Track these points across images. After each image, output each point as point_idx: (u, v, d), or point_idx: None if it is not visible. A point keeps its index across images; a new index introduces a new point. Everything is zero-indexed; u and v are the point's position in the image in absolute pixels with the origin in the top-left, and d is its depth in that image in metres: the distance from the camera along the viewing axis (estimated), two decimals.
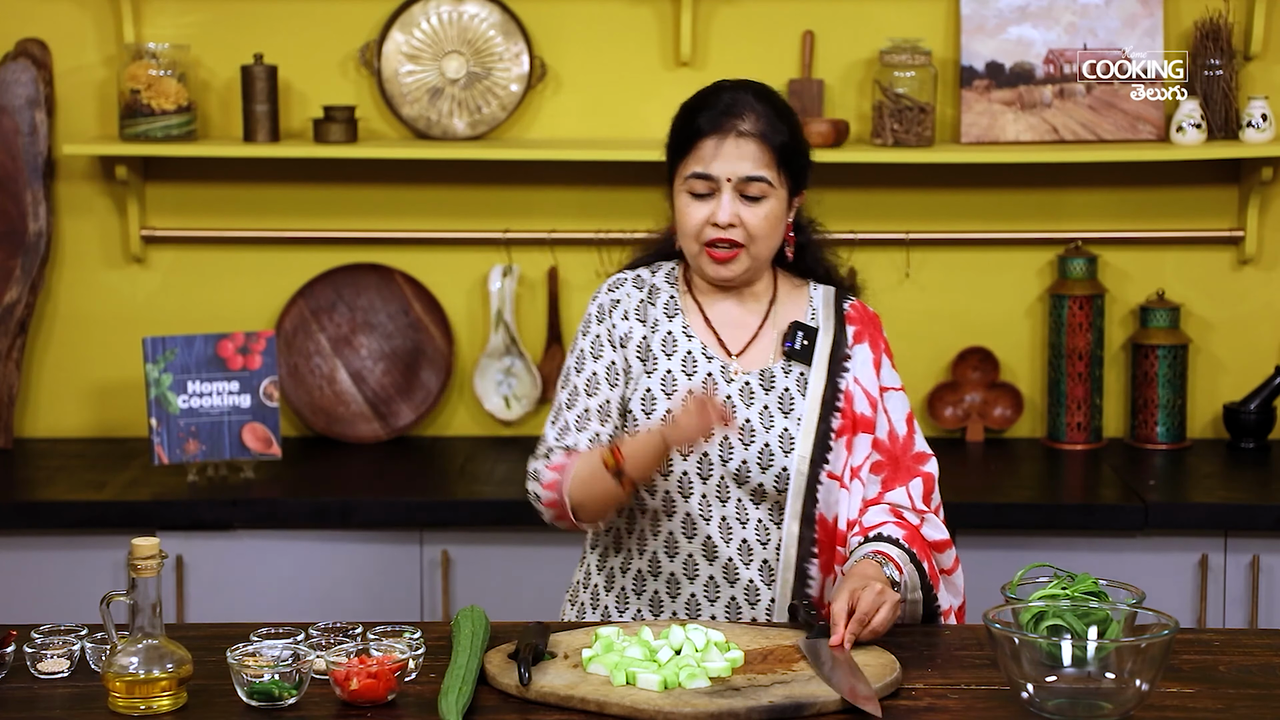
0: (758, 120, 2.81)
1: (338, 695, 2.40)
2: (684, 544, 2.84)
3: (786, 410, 2.85)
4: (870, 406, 2.88)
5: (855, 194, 4.36)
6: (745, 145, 2.80)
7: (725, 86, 2.86)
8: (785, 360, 2.88)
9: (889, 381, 2.92)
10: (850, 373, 2.88)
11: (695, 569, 2.84)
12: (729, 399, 2.84)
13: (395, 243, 4.38)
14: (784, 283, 2.95)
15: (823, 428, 2.84)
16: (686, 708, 2.32)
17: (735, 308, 2.90)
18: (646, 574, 2.86)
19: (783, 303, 2.92)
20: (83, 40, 4.32)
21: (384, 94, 4.28)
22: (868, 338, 2.93)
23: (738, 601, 2.83)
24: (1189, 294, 4.37)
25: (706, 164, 2.80)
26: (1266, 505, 3.83)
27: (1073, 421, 4.30)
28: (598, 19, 4.31)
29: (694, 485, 2.82)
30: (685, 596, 2.85)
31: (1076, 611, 2.39)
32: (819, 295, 2.95)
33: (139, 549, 2.36)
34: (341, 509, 3.86)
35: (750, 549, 2.83)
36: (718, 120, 2.80)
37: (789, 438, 2.83)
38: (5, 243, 4.28)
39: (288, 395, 4.32)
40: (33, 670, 2.52)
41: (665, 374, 2.86)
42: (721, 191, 2.80)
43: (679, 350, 2.87)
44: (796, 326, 2.89)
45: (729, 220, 2.79)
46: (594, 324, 2.90)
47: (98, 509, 3.85)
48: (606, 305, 2.90)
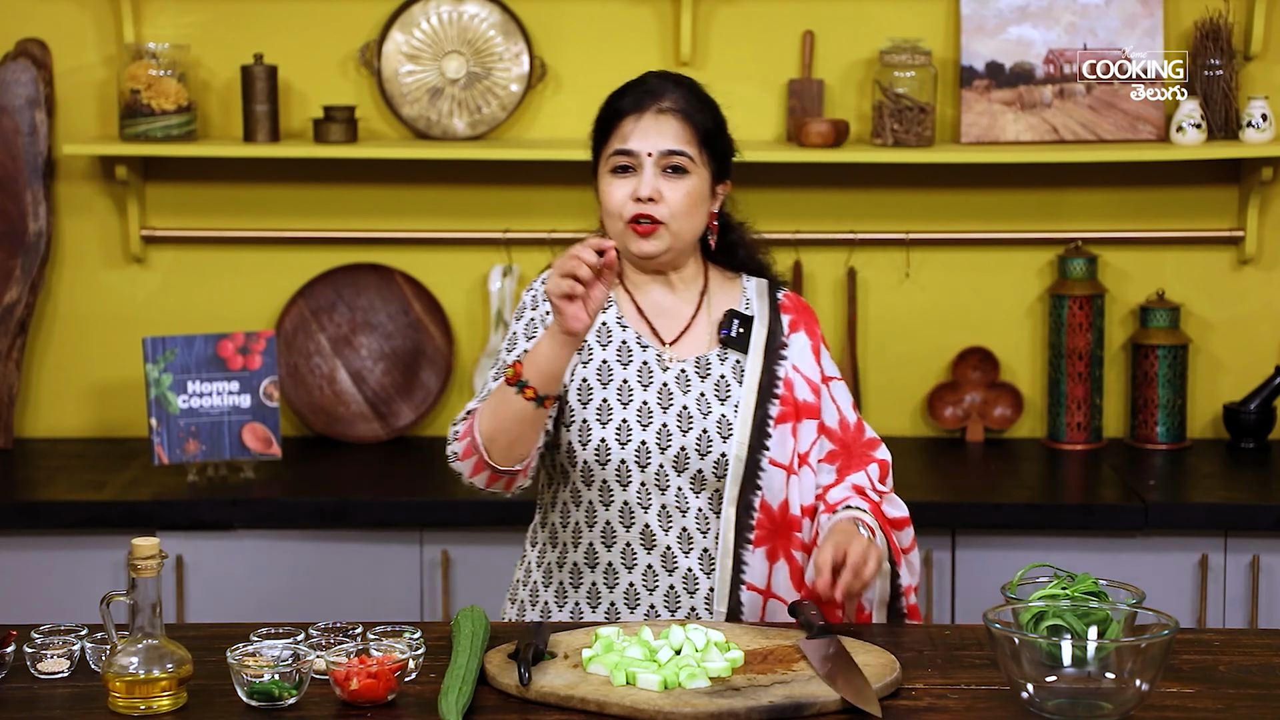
0: (679, 99, 2.85)
1: (338, 695, 2.40)
2: (622, 534, 2.84)
3: (723, 397, 2.86)
4: (813, 393, 2.90)
5: (855, 194, 4.36)
6: (666, 121, 2.83)
7: (649, 75, 2.90)
8: (721, 348, 2.90)
9: (830, 371, 2.96)
10: (788, 360, 2.91)
11: (634, 559, 2.84)
12: (665, 386, 2.85)
13: (395, 243, 4.38)
14: (716, 274, 2.97)
15: (760, 414, 2.85)
16: (686, 708, 2.32)
17: (667, 296, 2.92)
18: (583, 566, 2.86)
19: (716, 292, 2.95)
20: (83, 40, 4.32)
21: (384, 94, 4.28)
22: (804, 326, 2.96)
23: (676, 591, 2.83)
24: (1189, 294, 4.37)
25: (627, 140, 2.83)
26: (1266, 505, 3.83)
27: (1073, 421, 4.30)
28: (598, 19, 4.32)
29: (632, 474, 2.83)
30: (623, 587, 2.84)
31: (1076, 611, 2.39)
32: (752, 286, 2.98)
33: (139, 549, 2.36)
34: (341, 509, 3.86)
35: (690, 537, 2.84)
36: (640, 99, 2.85)
37: (727, 424, 2.84)
38: (5, 243, 4.28)
39: (288, 395, 4.32)
40: (33, 670, 2.52)
41: (601, 363, 2.87)
42: (643, 167, 2.82)
43: (614, 340, 2.89)
44: (732, 314, 2.91)
45: (650, 194, 2.81)
46: (528, 309, 2.92)
47: (98, 509, 3.85)
48: (540, 294, 2.92)
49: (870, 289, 4.38)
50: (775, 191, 4.36)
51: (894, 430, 4.41)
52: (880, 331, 4.39)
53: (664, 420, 2.83)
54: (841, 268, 4.36)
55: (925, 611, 3.83)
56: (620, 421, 2.83)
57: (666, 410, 2.84)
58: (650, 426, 2.83)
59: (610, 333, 2.89)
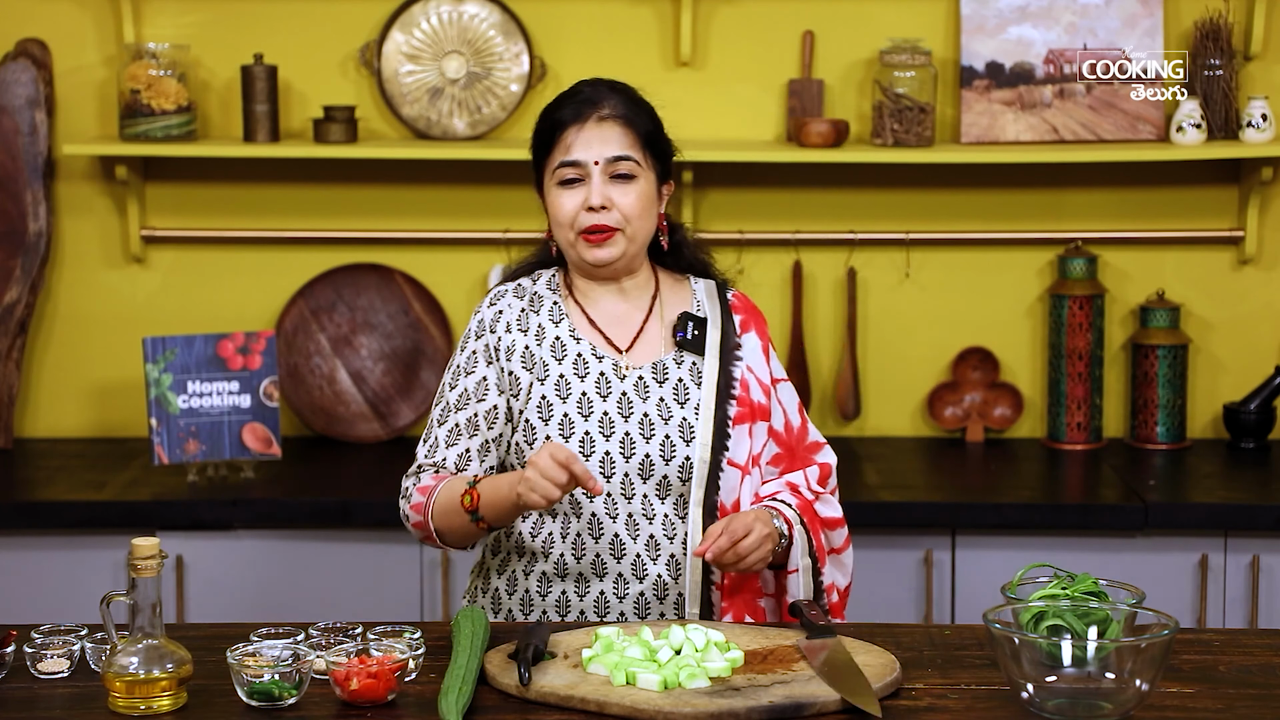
0: (618, 105, 2.86)
1: (338, 695, 2.40)
2: (591, 544, 2.84)
3: (682, 400, 2.87)
4: (764, 394, 2.91)
5: (855, 194, 4.36)
6: (608, 128, 2.84)
7: (582, 84, 2.91)
8: (677, 351, 2.90)
9: (778, 373, 2.97)
10: (743, 360, 2.92)
11: (604, 568, 2.84)
12: (625, 395, 2.85)
13: (395, 243, 4.38)
14: (665, 277, 2.97)
15: (720, 415, 2.86)
16: (686, 708, 2.32)
17: (618, 303, 2.92)
18: (553, 576, 2.86)
19: (667, 296, 2.95)
20: (83, 40, 4.32)
21: (384, 94, 4.28)
22: (754, 326, 2.96)
23: (646, 597, 2.84)
24: (1189, 294, 4.37)
25: (571, 150, 2.83)
26: (1266, 505, 3.83)
27: (1073, 421, 4.30)
28: (598, 19, 4.31)
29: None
30: (594, 595, 2.84)
31: (1076, 611, 2.39)
32: (701, 288, 2.98)
33: (139, 549, 2.36)
34: (341, 509, 3.86)
35: (657, 544, 2.84)
36: (579, 109, 2.85)
37: (689, 427, 2.85)
38: (5, 243, 4.28)
39: (288, 395, 4.32)
40: (33, 670, 2.52)
41: (559, 379, 2.86)
42: (591, 177, 2.82)
43: (569, 354, 2.88)
44: (686, 317, 2.91)
45: (601, 202, 2.82)
46: (472, 339, 2.91)
47: (98, 509, 3.85)
48: (489, 320, 2.91)
49: (870, 289, 4.38)
50: (775, 191, 4.36)
51: (894, 430, 4.41)
52: (880, 331, 4.39)
53: (626, 429, 2.83)
54: (841, 268, 4.36)
55: (925, 611, 3.83)
56: (583, 434, 2.83)
57: (628, 419, 2.84)
58: (613, 436, 2.83)
59: (565, 346, 2.88)
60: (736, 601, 2.83)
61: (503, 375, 2.87)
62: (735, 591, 2.83)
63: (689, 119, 4.31)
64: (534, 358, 2.87)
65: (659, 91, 4.38)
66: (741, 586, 2.83)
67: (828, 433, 4.38)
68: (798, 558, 2.81)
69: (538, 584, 2.86)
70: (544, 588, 2.86)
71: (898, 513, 3.84)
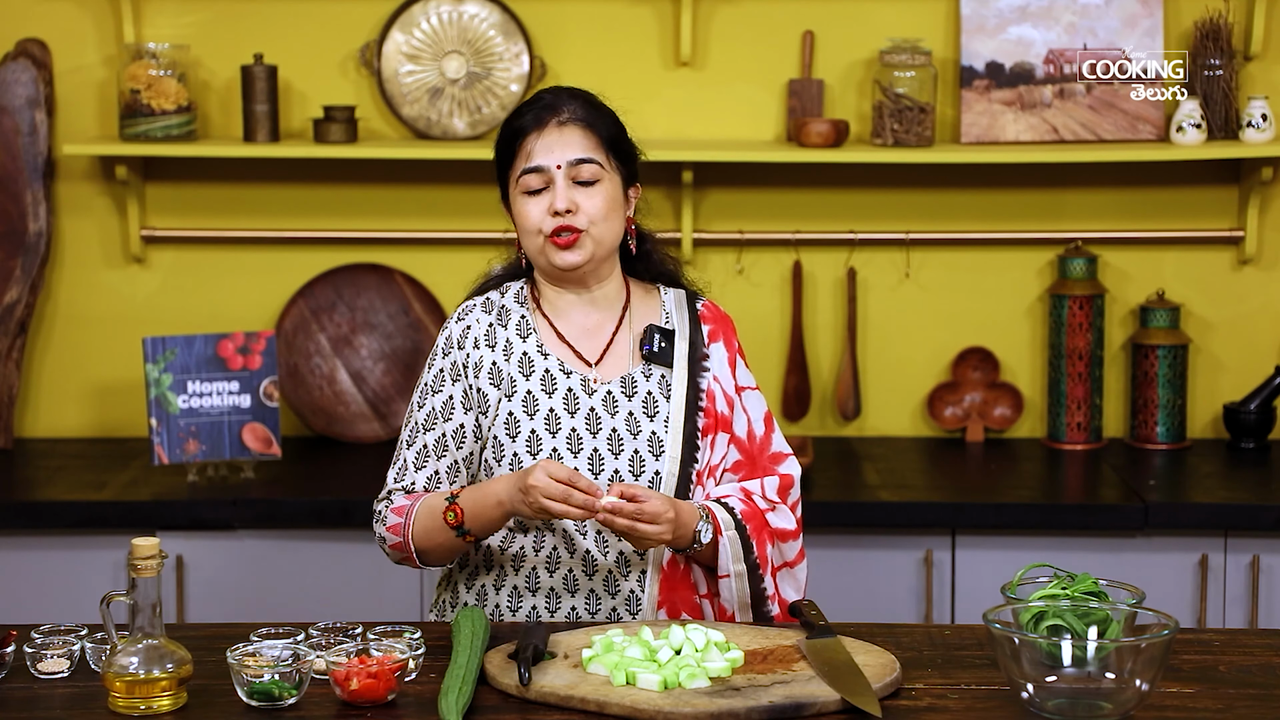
0: (577, 109, 2.84)
1: (338, 695, 2.41)
2: (565, 559, 2.83)
3: (651, 414, 2.85)
4: (728, 405, 2.89)
5: (855, 194, 4.36)
6: (569, 132, 2.82)
7: (543, 92, 2.90)
8: (645, 364, 2.88)
9: (745, 381, 2.94)
10: (710, 371, 2.90)
11: (575, 583, 2.83)
12: (593, 410, 2.84)
13: (395, 243, 4.38)
14: (635, 287, 2.95)
15: (689, 428, 2.85)
16: (686, 708, 2.32)
17: (588, 314, 2.90)
18: (524, 590, 2.85)
19: (636, 308, 2.93)
20: (83, 40, 4.32)
21: (384, 94, 4.28)
22: (722, 336, 2.94)
23: (618, 611, 2.83)
24: (1189, 294, 4.37)
25: (533, 157, 2.82)
26: (1266, 505, 3.83)
27: (1073, 421, 4.30)
28: (598, 19, 4.32)
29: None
30: (565, 610, 2.83)
31: (1076, 611, 2.39)
32: (670, 298, 2.96)
33: (139, 549, 2.36)
34: (341, 509, 3.86)
35: (628, 560, 2.82)
36: (539, 115, 2.84)
37: (658, 440, 2.83)
38: (5, 243, 4.28)
39: (288, 395, 4.32)
40: (33, 670, 2.53)
41: (526, 395, 2.84)
42: (555, 182, 2.81)
43: (537, 369, 2.86)
44: (653, 329, 2.89)
45: (566, 206, 2.80)
46: (439, 357, 2.90)
47: (98, 509, 3.85)
48: (456, 336, 2.89)
49: (870, 289, 4.38)
50: (775, 191, 4.36)
51: (894, 430, 4.41)
52: (880, 331, 4.39)
53: (594, 445, 2.82)
54: (841, 268, 4.36)
55: (925, 611, 3.83)
56: (550, 451, 2.81)
57: (596, 435, 2.82)
58: (581, 453, 2.82)
59: (533, 362, 2.87)
60: (672, 597, 2.81)
61: (470, 392, 2.85)
62: (672, 588, 2.81)
63: (689, 119, 4.34)
64: (502, 374, 2.85)
65: (659, 91, 4.41)
66: (676, 583, 2.82)
67: (828, 433, 4.39)
68: (728, 564, 2.78)
69: (509, 599, 2.85)
70: (515, 602, 2.85)
71: (898, 513, 3.84)
